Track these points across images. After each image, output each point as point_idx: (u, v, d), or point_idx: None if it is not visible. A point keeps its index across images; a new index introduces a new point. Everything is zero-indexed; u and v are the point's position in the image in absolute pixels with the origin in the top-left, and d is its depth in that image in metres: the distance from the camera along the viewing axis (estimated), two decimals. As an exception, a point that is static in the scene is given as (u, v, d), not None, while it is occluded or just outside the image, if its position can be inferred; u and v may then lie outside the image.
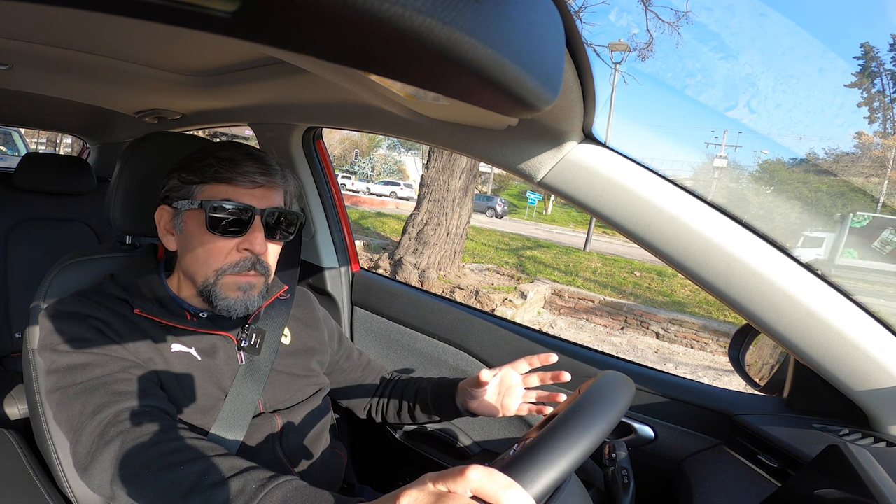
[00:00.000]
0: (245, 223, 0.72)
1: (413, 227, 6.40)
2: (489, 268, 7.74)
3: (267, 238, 0.74)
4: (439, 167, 6.20)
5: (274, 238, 0.76)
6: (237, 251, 0.73)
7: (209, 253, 0.72)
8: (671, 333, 6.03)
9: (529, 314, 6.18)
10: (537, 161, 0.71)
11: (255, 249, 0.73)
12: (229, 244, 0.73)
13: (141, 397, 0.65)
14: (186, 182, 0.73)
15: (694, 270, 0.69)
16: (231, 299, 0.74)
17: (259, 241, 0.73)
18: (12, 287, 1.61)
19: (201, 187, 0.73)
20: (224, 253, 0.73)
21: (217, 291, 0.73)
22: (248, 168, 0.72)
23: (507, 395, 0.84)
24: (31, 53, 0.99)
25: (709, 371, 5.11)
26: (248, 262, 0.73)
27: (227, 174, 0.72)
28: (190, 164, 0.74)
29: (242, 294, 0.74)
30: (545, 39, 0.29)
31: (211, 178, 0.72)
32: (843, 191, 23.16)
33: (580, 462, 0.49)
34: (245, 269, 0.73)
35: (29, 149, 8.29)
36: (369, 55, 0.22)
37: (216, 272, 0.73)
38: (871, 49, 26.71)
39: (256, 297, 0.76)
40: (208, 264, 0.73)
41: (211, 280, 0.73)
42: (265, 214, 0.74)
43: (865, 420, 0.71)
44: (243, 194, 0.72)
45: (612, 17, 35.20)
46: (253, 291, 0.75)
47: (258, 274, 0.75)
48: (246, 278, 0.74)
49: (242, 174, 0.72)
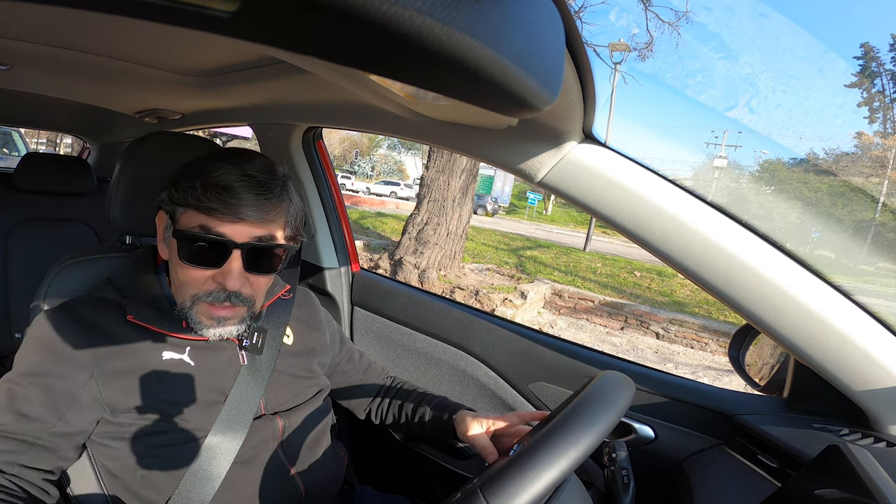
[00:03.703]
0: (221, 256, 0.68)
1: (413, 227, 6.40)
2: (489, 268, 7.74)
3: (249, 271, 0.70)
4: (439, 167, 6.20)
5: (258, 271, 0.71)
6: (213, 281, 0.70)
7: (185, 278, 0.70)
8: (671, 333, 6.03)
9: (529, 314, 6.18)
10: (537, 161, 0.71)
11: (228, 285, 0.69)
12: (204, 274, 0.69)
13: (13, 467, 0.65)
14: (173, 201, 0.70)
15: (694, 270, 0.69)
16: (205, 325, 0.71)
17: (234, 276, 0.68)
18: (12, 287, 1.61)
19: (182, 211, 0.69)
20: (199, 282, 0.70)
21: (192, 316, 0.71)
22: (237, 197, 0.66)
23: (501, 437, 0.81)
24: (31, 53, 0.99)
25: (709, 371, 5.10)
26: (220, 295, 0.69)
27: (208, 203, 0.66)
28: (179, 182, 0.70)
29: (216, 324, 0.71)
30: (545, 39, 0.29)
31: (192, 205, 0.67)
32: (843, 191, 23.15)
33: (580, 462, 0.49)
34: (220, 301, 0.70)
35: (29, 149, 8.29)
36: (369, 55, 0.22)
37: (191, 298, 0.70)
38: (871, 49, 26.72)
39: (235, 327, 0.73)
40: (185, 289, 0.71)
41: (187, 304, 0.71)
42: (245, 249, 0.68)
43: (865, 420, 0.70)
44: (223, 225, 0.67)
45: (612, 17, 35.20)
46: (229, 323, 0.72)
47: (234, 306, 0.71)
48: (219, 311, 0.71)
49: (226, 205, 0.66)
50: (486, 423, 0.81)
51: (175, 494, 0.70)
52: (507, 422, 0.80)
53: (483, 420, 0.81)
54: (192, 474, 0.71)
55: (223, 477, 0.72)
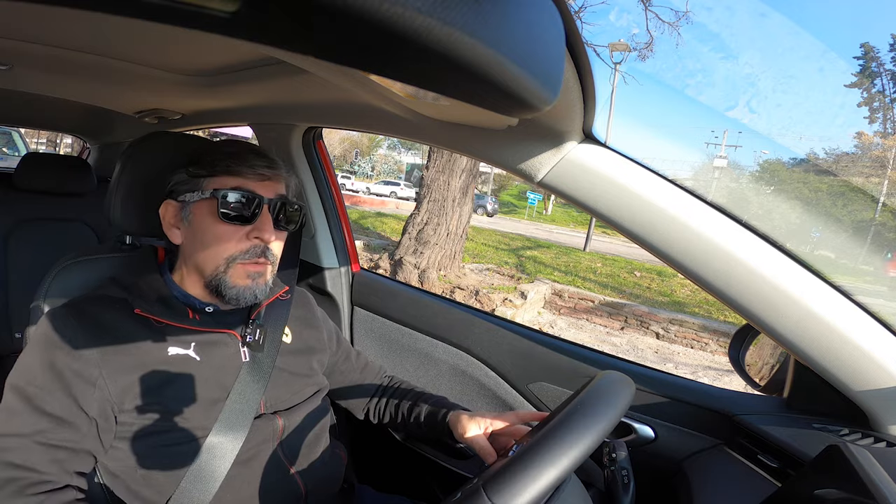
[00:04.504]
0: (254, 211, 0.74)
1: (413, 227, 6.39)
2: (489, 268, 7.74)
3: (277, 226, 0.77)
4: (439, 167, 6.19)
5: (280, 227, 0.78)
6: (247, 239, 0.74)
7: (220, 241, 0.74)
8: (671, 333, 6.02)
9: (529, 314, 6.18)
10: (537, 161, 0.71)
11: (265, 237, 0.75)
12: (239, 232, 0.74)
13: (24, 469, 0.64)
14: (195, 175, 0.76)
15: (694, 270, 0.69)
16: (240, 287, 0.75)
17: (268, 229, 0.75)
18: (12, 287, 1.61)
19: (210, 179, 0.75)
20: (234, 241, 0.74)
21: (226, 280, 0.74)
22: (255, 162, 0.75)
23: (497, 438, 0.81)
24: (31, 53, 0.99)
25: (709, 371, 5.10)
26: (258, 250, 0.75)
27: (237, 167, 0.74)
28: (198, 159, 0.77)
29: (252, 282, 0.75)
30: (545, 39, 0.29)
31: (221, 171, 0.75)
32: (842, 191, 23.16)
33: (580, 462, 0.49)
34: (255, 256, 0.75)
35: (29, 149, 8.29)
36: (369, 55, 0.22)
37: (227, 260, 0.74)
38: (871, 49, 26.73)
39: (265, 287, 0.77)
40: (218, 253, 0.74)
41: (221, 268, 0.74)
42: (273, 204, 0.76)
43: (865, 420, 0.70)
44: (253, 185, 0.75)
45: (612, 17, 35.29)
46: (261, 279, 0.77)
47: (268, 262, 0.76)
48: (256, 266, 0.75)
49: (250, 167, 0.75)
50: (483, 424, 0.81)
51: (175, 494, 0.70)
52: (505, 421, 0.80)
53: (480, 420, 0.81)
54: (192, 474, 0.71)
55: (224, 476, 0.72)
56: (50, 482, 0.64)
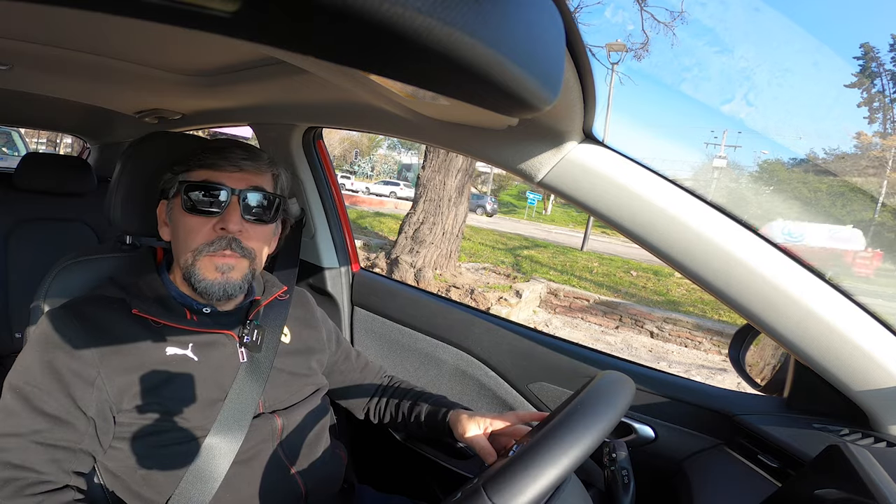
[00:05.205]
0: (221, 203, 0.73)
1: (409, 227, 6.41)
2: (485, 267, 7.74)
3: (246, 219, 0.74)
4: (435, 167, 6.21)
5: (255, 219, 0.75)
6: (213, 230, 0.73)
7: (189, 233, 0.74)
8: (665, 332, 6.05)
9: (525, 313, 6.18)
10: (537, 161, 0.70)
11: (229, 227, 0.73)
12: (206, 224, 0.73)
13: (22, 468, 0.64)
14: (176, 172, 0.77)
15: (694, 270, 0.69)
16: (209, 281, 0.73)
17: (234, 219, 0.73)
18: (12, 287, 1.61)
19: (186, 174, 0.76)
20: (201, 232, 0.73)
21: (196, 272, 0.73)
22: (231, 154, 0.75)
23: None
24: (31, 53, 0.99)
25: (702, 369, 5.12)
26: (223, 241, 0.73)
27: (210, 160, 0.75)
28: (181, 157, 0.78)
29: (220, 275, 0.73)
30: (545, 39, 0.29)
31: (195, 165, 0.75)
32: (842, 191, 23.17)
33: (580, 461, 0.49)
34: (220, 248, 0.73)
35: (29, 149, 8.28)
36: (369, 55, 0.22)
37: (193, 252, 0.73)
38: (871, 49, 26.74)
39: (239, 281, 0.75)
40: (186, 244, 0.74)
41: (190, 260, 0.74)
42: (242, 194, 0.74)
43: (865, 420, 0.70)
44: (222, 176, 0.74)
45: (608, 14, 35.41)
46: (232, 273, 0.74)
47: (236, 255, 0.74)
48: (223, 259, 0.73)
49: (224, 158, 0.75)
50: (483, 424, 0.81)
51: (175, 494, 0.70)
52: (505, 422, 0.80)
53: (480, 420, 0.81)
54: (192, 474, 0.71)
55: (223, 476, 0.72)
56: (48, 482, 0.64)
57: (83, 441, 0.67)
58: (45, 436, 0.65)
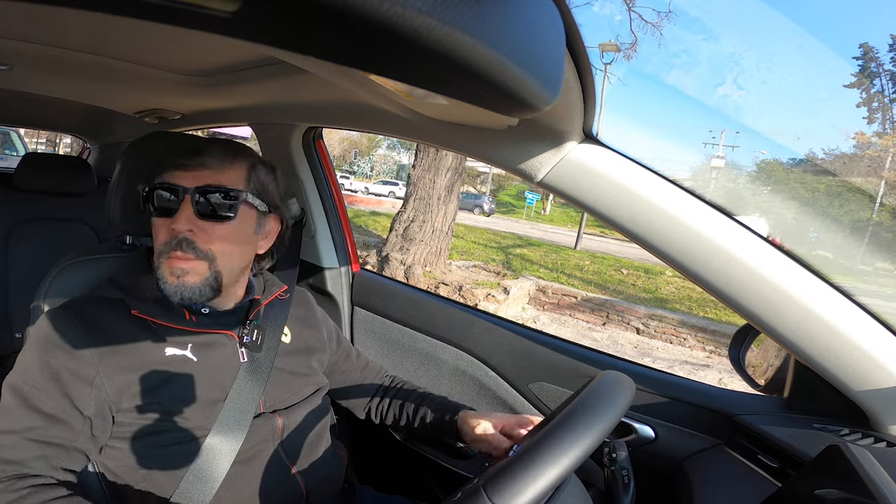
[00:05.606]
0: (176, 203, 0.72)
1: (400, 225, 6.43)
2: (476, 264, 7.75)
3: (201, 217, 0.72)
4: (425, 166, 6.24)
5: (209, 218, 0.72)
6: (167, 231, 0.73)
7: (154, 235, 0.75)
8: (651, 329, 6.10)
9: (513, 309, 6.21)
10: (537, 161, 0.70)
11: (178, 227, 0.71)
12: (164, 225, 0.73)
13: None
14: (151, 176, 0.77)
15: (694, 270, 0.69)
16: (168, 285, 0.72)
17: (182, 219, 0.71)
18: (12, 287, 1.61)
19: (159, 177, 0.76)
20: (160, 234, 0.73)
21: (160, 276, 0.73)
22: (197, 153, 0.74)
23: None
24: (31, 53, 0.99)
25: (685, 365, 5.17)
26: (173, 242, 0.71)
27: (178, 160, 0.74)
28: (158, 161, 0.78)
29: (176, 279, 0.71)
30: (545, 39, 0.29)
31: (165, 167, 0.75)
32: (840, 190, 23.18)
33: (581, 461, 0.49)
34: (171, 249, 0.71)
35: (28, 149, 8.28)
36: (369, 55, 0.22)
37: (157, 254, 0.74)
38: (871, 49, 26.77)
39: (197, 285, 0.72)
40: (155, 247, 0.75)
41: (156, 264, 0.74)
42: (195, 193, 0.72)
43: (866, 420, 0.70)
44: (184, 176, 0.73)
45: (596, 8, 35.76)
46: (188, 277, 0.71)
47: (189, 257, 0.71)
48: (176, 262, 0.71)
49: (189, 157, 0.74)
50: (495, 419, 0.83)
51: (175, 494, 0.70)
52: (508, 422, 0.81)
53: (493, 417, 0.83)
54: (192, 474, 0.71)
55: (224, 476, 0.72)
56: (35, 476, 0.64)
57: (78, 440, 0.67)
58: (39, 433, 0.65)
